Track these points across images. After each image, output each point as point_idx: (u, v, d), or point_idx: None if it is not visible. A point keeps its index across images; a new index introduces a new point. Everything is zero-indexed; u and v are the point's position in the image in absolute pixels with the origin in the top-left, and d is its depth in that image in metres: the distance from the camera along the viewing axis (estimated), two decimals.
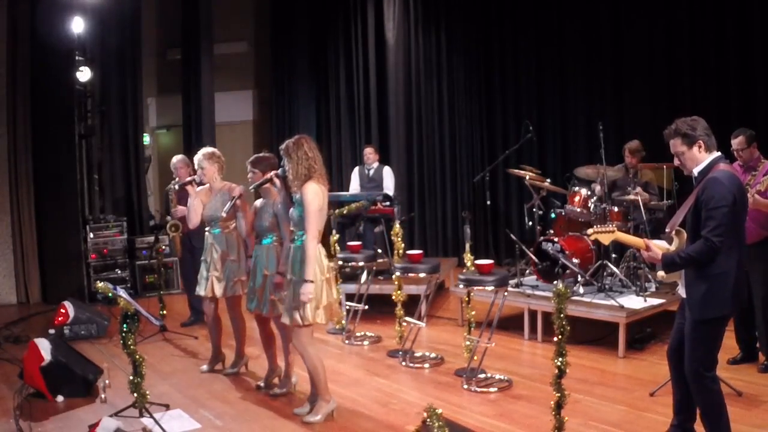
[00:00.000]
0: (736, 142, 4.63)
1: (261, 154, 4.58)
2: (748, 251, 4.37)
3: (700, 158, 3.25)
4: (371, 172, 7.91)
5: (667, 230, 3.49)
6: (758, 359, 4.74)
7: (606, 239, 3.56)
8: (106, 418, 3.90)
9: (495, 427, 3.94)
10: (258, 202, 4.62)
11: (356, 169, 8.13)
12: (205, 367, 5.19)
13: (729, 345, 4.62)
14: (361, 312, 6.00)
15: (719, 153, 3.29)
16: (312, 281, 3.85)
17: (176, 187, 6.33)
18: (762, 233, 4.46)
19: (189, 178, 5.31)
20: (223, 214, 4.74)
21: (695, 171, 3.29)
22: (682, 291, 3.38)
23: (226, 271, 4.92)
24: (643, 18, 7.74)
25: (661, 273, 3.46)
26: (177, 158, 6.41)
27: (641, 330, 5.47)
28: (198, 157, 5.05)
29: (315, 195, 3.91)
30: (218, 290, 4.94)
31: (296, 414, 4.16)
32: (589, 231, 3.59)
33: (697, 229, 3.19)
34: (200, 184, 5.35)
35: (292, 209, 4.03)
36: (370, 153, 7.98)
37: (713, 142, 3.28)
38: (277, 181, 4.20)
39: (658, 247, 3.36)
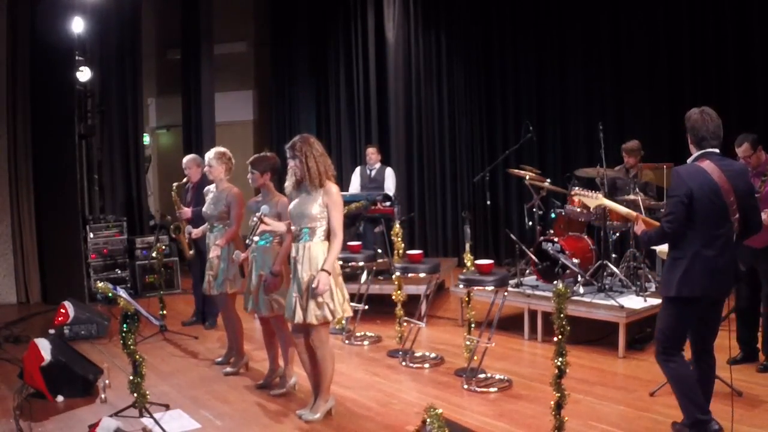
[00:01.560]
0: (741, 150, 4.55)
1: (261, 154, 4.58)
2: (757, 253, 4.43)
3: (691, 151, 3.46)
4: (373, 172, 7.90)
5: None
6: (759, 359, 4.74)
7: (591, 203, 3.78)
8: (106, 418, 3.90)
9: (495, 427, 3.94)
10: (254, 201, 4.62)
11: (358, 169, 8.11)
12: (228, 369, 5.14)
13: (730, 345, 4.62)
14: (361, 312, 6.00)
15: (712, 150, 3.36)
16: (329, 272, 3.86)
17: (175, 187, 6.34)
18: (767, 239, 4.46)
19: (197, 230, 5.35)
20: (255, 238, 4.31)
21: (688, 162, 3.50)
22: None
23: (219, 269, 4.98)
24: (642, 18, 7.76)
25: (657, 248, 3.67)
26: (188, 158, 6.38)
27: (641, 330, 5.48)
28: (209, 154, 5.12)
29: (339, 194, 4.00)
30: (213, 288, 5.02)
31: (298, 415, 4.15)
32: (573, 191, 3.75)
33: None
34: (202, 184, 5.35)
35: (306, 206, 3.96)
36: (372, 153, 7.95)
37: (707, 143, 3.37)
38: (266, 219, 4.17)
39: (646, 224, 3.55)
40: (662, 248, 3.66)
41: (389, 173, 7.85)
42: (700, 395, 3.44)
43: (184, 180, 6.33)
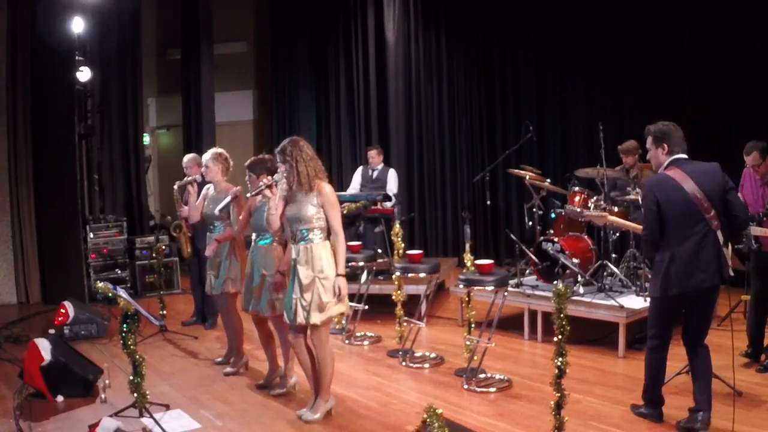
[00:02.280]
0: (750, 159, 4.56)
1: (258, 157, 4.58)
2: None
3: (661, 160, 3.66)
4: (376, 172, 7.83)
5: None
6: (760, 360, 4.73)
7: (599, 221, 4.00)
8: (106, 418, 3.90)
9: (495, 427, 3.94)
10: (256, 202, 4.61)
11: (359, 169, 8.05)
12: (228, 369, 5.14)
13: (737, 346, 4.62)
14: (361, 312, 6.00)
15: (681, 155, 3.61)
16: (344, 275, 3.96)
17: (178, 187, 6.31)
18: None
19: (190, 178, 5.33)
20: (216, 212, 4.75)
21: (659, 171, 3.70)
22: None
23: (220, 269, 4.96)
24: (643, 18, 7.75)
25: None
26: (188, 157, 6.38)
27: (641, 330, 5.46)
28: (206, 155, 5.14)
29: (333, 193, 4.01)
30: (214, 288, 5.01)
31: (298, 415, 4.16)
32: (585, 212, 3.88)
33: None
34: (202, 183, 5.36)
35: (300, 208, 3.97)
36: (374, 155, 7.87)
37: (678, 148, 3.62)
38: (274, 189, 4.17)
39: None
40: None
41: (392, 174, 7.82)
42: (660, 391, 3.86)
43: (185, 179, 6.32)
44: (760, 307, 4.73)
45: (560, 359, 3.42)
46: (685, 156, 3.62)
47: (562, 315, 3.40)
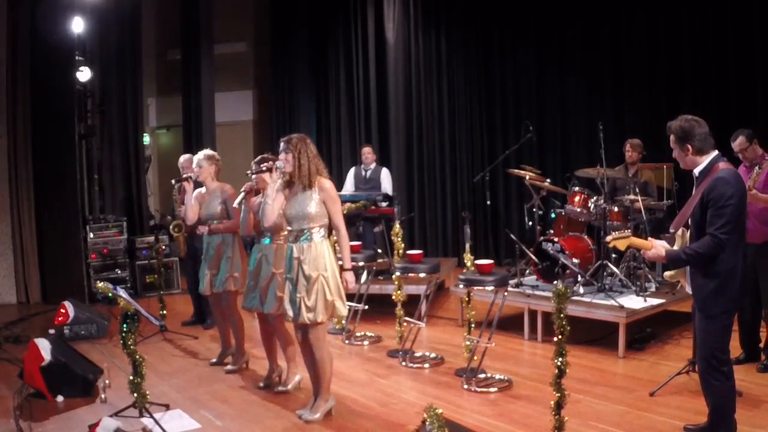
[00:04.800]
0: (737, 144, 4.59)
1: (264, 156, 4.59)
2: (757, 250, 4.39)
3: (697, 160, 3.30)
4: (368, 173, 7.83)
5: (671, 230, 3.51)
6: (760, 359, 4.73)
7: (622, 245, 3.47)
8: (106, 418, 3.90)
9: (495, 427, 3.94)
10: (258, 198, 4.61)
11: (352, 170, 8.05)
12: (229, 366, 5.18)
13: (733, 345, 4.62)
14: (361, 312, 6.00)
15: (717, 152, 3.31)
16: (350, 269, 3.96)
17: (176, 186, 6.30)
18: None
19: (186, 175, 5.33)
20: (236, 205, 4.64)
21: (696, 171, 3.33)
22: (689, 288, 3.41)
23: (221, 267, 4.97)
24: (643, 18, 7.75)
25: (667, 273, 3.53)
26: (184, 157, 6.39)
27: (641, 330, 5.48)
28: (198, 156, 5.16)
29: (334, 188, 4.00)
30: (216, 286, 5.02)
31: (298, 415, 4.16)
32: (608, 238, 3.50)
33: (701, 227, 3.21)
34: (198, 182, 5.36)
35: (303, 206, 3.93)
36: (368, 153, 7.88)
37: (709, 143, 3.31)
38: (274, 174, 4.11)
39: (641, 245, 3.41)
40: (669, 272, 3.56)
41: (385, 174, 7.81)
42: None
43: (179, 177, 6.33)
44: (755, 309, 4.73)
45: (560, 359, 3.43)
46: (717, 152, 3.31)
47: (562, 315, 3.40)
